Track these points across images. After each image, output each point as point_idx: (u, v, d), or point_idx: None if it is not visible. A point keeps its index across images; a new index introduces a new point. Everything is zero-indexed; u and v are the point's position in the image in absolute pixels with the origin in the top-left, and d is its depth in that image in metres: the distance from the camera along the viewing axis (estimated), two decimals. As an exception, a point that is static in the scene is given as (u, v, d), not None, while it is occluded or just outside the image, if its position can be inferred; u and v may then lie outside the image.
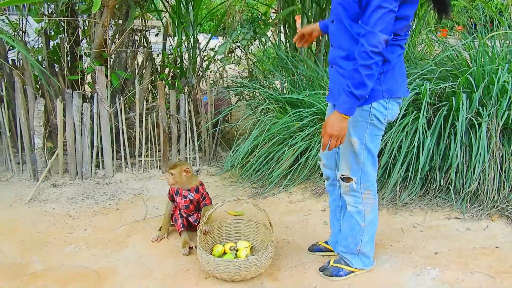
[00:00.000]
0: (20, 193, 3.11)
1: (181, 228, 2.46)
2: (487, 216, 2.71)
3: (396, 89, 1.87)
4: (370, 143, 1.93)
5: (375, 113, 1.87)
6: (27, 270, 2.20)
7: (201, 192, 2.51)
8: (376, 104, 1.86)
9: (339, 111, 1.76)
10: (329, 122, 1.78)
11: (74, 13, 3.81)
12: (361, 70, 1.69)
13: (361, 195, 2.03)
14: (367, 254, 2.15)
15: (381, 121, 1.90)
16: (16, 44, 3.20)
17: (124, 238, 2.53)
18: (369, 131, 1.90)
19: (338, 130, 1.77)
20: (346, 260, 2.15)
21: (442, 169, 2.93)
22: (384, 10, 1.64)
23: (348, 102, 1.74)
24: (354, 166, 1.98)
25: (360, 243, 2.10)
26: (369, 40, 1.66)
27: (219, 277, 2.09)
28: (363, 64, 1.68)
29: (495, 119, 2.85)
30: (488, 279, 2.12)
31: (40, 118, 3.20)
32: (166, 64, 4.06)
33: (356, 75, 1.70)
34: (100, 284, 2.09)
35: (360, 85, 1.70)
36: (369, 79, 1.70)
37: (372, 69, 1.69)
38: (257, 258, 2.06)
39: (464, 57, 3.35)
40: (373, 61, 1.67)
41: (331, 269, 2.15)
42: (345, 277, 2.12)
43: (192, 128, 3.62)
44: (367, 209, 2.06)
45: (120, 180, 3.35)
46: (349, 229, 2.11)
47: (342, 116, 1.76)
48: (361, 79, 1.69)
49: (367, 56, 1.67)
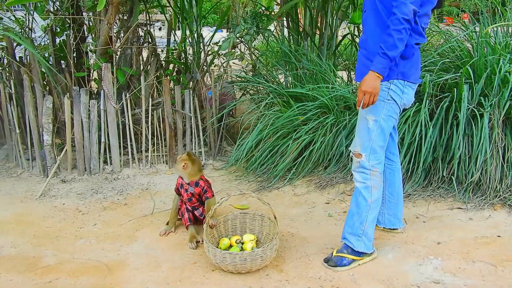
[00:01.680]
0: (31, 188, 3.19)
1: (188, 222, 2.51)
2: (489, 205, 2.74)
3: (408, 74, 2.07)
4: (384, 122, 2.11)
5: (392, 94, 2.07)
6: (40, 263, 2.27)
7: (201, 186, 2.55)
8: (393, 86, 2.06)
9: (373, 69, 1.95)
10: (365, 80, 1.97)
11: (79, 10, 3.85)
12: (393, 33, 1.90)
13: (370, 171, 2.16)
14: (370, 237, 2.22)
15: (397, 103, 2.09)
16: (23, 42, 3.26)
17: (132, 232, 2.59)
18: (385, 110, 2.09)
19: (372, 88, 1.96)
20: (349, 243, 2.21)
21: (445, 160, 2.96)
22: None
23: (382, 62, 1.94)
24: (365, 143, 2.14)
25: (365, 222, 2.18)
26: (401, 9, 1.88)
27: (226, 269, 2.14)
28: (395, 28, 1.89)
29: (497, 109, 2.87)
30: (489, 267, 2.16)
31: (49, 115, 3.26)
32: (170, 60, 4.10)
33: (389, 38, 1.91)
34: (111, 276, 2.16)
35: (392, 47, 1.91)
36: (400, 42, 1.90)
37: (402, 33, 1.90)
38: (263, 250, 2.11)
39: (467, 48, 3.36)
40: (403, 26, 1.89)
41: (335, 259, 2.21)
42: (348, 267, 2.19)
43: (198, 123, 3.67)
44: (374, 186, 2.18)
45: (127, 175, 3.41)
46: (355, 206, 2.21)
47: (376, 75, 1.96)
48: (393, 42, 1.90)
49: (398, 22, 1.89)
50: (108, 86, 3.30)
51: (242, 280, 2.11)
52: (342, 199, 2.98)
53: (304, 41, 4.17)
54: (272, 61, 4.36)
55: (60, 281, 2.13)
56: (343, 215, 2.75)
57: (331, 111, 3.35)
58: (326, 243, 2.42)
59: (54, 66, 3.66)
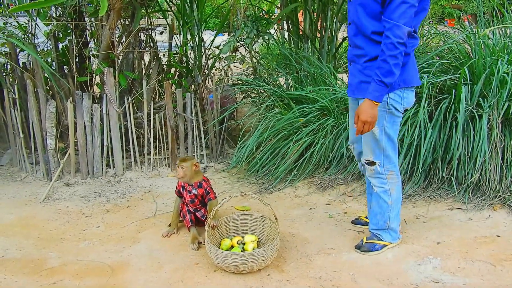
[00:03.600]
0: (35, 192, 3.22)
1: (190, 224, 2.54)
2: (489, 206, 2.76)
3: (410, 79, 2.06)
4: (389, 130, 2.12)
5: (392, 102, 2.05)
6: (45, 265, 2.30)
7: (204, 187, 2.59)
8: (392, 94, 2.04)
9: (370, 98, 1.93)
10: (362, 109, 1.96)
11: (81, 16, 3.90)
12: (388, 60, 1.85)
13: (385, 176, 2.22)
14: (395, 229, 2.35)
15: (398, 109, 2.08)
16: (26, 47, 3.30)
17: (135, 234, 2.62)
18: (387, 118, 2.09)
19: (370, 117, 1.95)
20: (378, 235, 2.34)
21: (445, 160, 2.98)
22: (407, 5, 1.83)
23: (378, 90, 1.91)
24: (376, 151, 2.17)
25: (389, 220, 2.30)
26: (395, 32, 1.83)
27: (227, 269, 2.17)
28: (391, 54, 1.85)
29: (495, 110, 2.90)
30: (488, 266, 2.18)
31: (52, 120, 3.30)
32: (172, 64, 4.14)
33: (385, 64, 1.87)
34: (114, 277, 2.19)
35: (388, 73, 1.87)
36: (396, 68, 1.87)
37: (398, 58, 1.86)
38: (264, 251, 2.14)
39: (465, 49, 3.38)
40: (399, 51, 1.85)
41: (367, 245, 2.33)
42: (380, 251, 2.31)
43: (199, 126, 3.70)
44: (392, 188, 2.25)
45: (130, 178, 3.44)
46: (377, 207, 2.29)
47: (373, 103, 1.94)
48: (389, 68, 1.86)
49: (393, 47, 1.84)
50: (111, 90, 3.34)
51: (244, 280, 2.13)
52: (342, 200, 3.00)
53: (304, 44, 4.21)
54: (272, 64, 4.39)
55: (64, 282, 2.16)
56: (343, 216, 2.78)
57: (332, 113, 3.38)
58: (326, 244, 2.45)
59: (57, 71, 3.70)
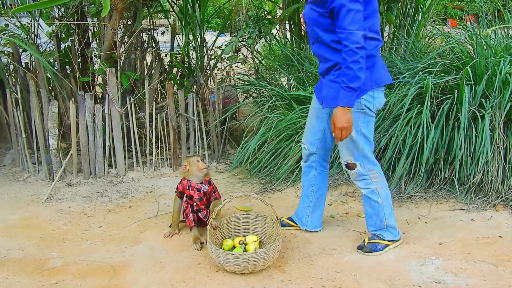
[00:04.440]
0: (37, 192, 3.23)
1: (193, 224, 2.54)
2: (491, 206, 2.76)
3: (380, 79, 2.13)
4: (365, 130, 2.16)
5: (365, 103, 2.11)
6: (47, 265, 2.31)
7: (213, 185, 2.62)
8: (365, 95, 2.10)
9: (342, 105, 2.00)
10: (337, 117, 2.02)
11: (83, 16, 3.91)
12: (351, 65, 1.93)
13: (369, 176, 2.25)
14: (393, 226, 2.37)
15: (371, 109, 2.14)
16: (29, 48, 3.31)
17: (137, 234, 2.63)
18: (362, 119, 2.13)
19: (346, 122, 2.02)
20: (379, 235, 2.36)
21: (447, 161, 2.97)
22: (353, 12, 1.91)
23: (347, 96, 1.98)
24: (354, 152, 2.20)
25: (385, 218, 2.31)
26: (351, 39, 1.91)
27: (229, 270, 2.17)
28: (352, 60, 1.92)
29: (498, 110, 2.89)
30: (490, 267, 2.18)
31: (54, 120, 3.31)
32: (174, 64, 4.15)
33: (349, 71, 1.94)
34: (116, 278, 2.19)
35: (355, 79, 1.94)
36: (360, 72, 1.94)
37: (360, 62, 1.93)
38: (265, 251, 2.14)
39: (467, 49, 3.38)
40: (359, 55, 1.92)
41: (369, 246, 2.34)
42: (383, 251, 2.33)
43: (201, 126, 3.71)
44: (378, 186, 2.27)
45: (132, 178, 3.45)
46: (370, 209, 2.31)
47: (346, 109, 2.00)
48: (353, 73, 1.93)
49: (353, 53, 1.91)
50: (113, 90, 3.35)
51: (245, 281, 2.13)
52: (344, 200, 3.00)
53: (306, 44, 4.21)
54: (274, 65, 4.39)
55: (66, 282, 2.16)
56: (345, 217, 2.78)
57: (333, 114, 3.37)
58: (328, 244, 2.45)
59: (59, 71, 3.71)
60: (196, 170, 2.57)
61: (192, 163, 2.58)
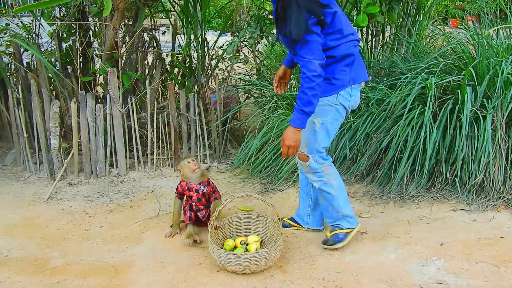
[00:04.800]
0: (38, 192, 3.23)
1: (188, 221, 2.54)
2: (493, 207, 2.75)
3: (357, 77, 2.20)
4: (330, 125, 2.22)
5: (341, 99, 2.17)
6: (48, 265, 2.31)
7: (211, 185, 2.61)
8: (342, 91, 2.16)
9: (293, 125, 2.08)
10: (287, 135, 2.10)
11: (85, 16, 3.91)
12: (307, 91, 2.01)
13: (321, 168, 2.30)
14: (350, 215, 2.41)
15: (345, 107, 2.20)
16: (30, 47, 3.31)
17: (138, 234, 2.63)
18: (332, 114, 2.20)
19: (294, 142, 2.10)
20: (338, 226, 2.40)
21: (448, 161, 2.97)
22: (310, 43, 1.98)
23: (300, 118, 2.06)
24: (311, 144, 2.25)
25: (340, 208, 2.36)
26: (308, 67, 1.99)
27: (230, 270, 2.17)
28: (308, 86, 2.00)
29: (499, 111, 2.89)
30: (492, 268, 2.17)
31: (56, 120, 3.31)
32: (175, 64, 4.15)
33: (304, 96, 2.02)
34: (117, 277, 2.19)
35: (308, 103, 2.02)
36: (315, 98, 2.02)
37: (315, 89, 2.01)
38: (267, 251, 2.14)
39: (469, 49, 3.37)
40: (315, 83, 1.99)
41: (332, 238, 2.38)
42: (345, 240, 2.37)
43: (202, 126, 3.71)
44: (330, 178, 2.33)
45: (133, 178, 3.45)
46: (324, 201, 2.36)
47: (296, 130, 2.09)
48: (308, 99, 2.01)
49: (309, 80, 1.99)
50: (114, 90, 3.35)
51: (247, 281, 2.13)
52: (345, 201, 3.00)
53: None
54: (276, 65, 4.39)
55: (68, 282, 2.16)
56: (346, 217, 2.78)
57: (335, 114, 3.37)
58: (329, 244, 2.45)
59: (61, 71, 3.71)
60: (188, 172, 2.57)
61: (184, 165, 2.58)
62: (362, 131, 3.20)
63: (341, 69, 2.14)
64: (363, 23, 3.51)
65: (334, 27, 2.08)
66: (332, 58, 2.11)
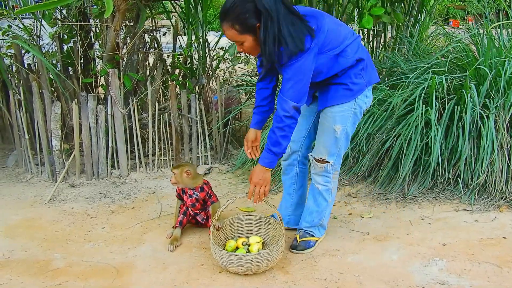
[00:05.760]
0: (40, 193, 3.23)
1: (178, 225, 2.54)
2: (495, 207, 2.75)
3: (371, 78, 2.18)
4: (350, 129, 2.20)
5: (360, 102, 2.15)
6: (50, 266, 2.31)
7: (206, 191, 2.57)
8: (360, 95, 2.14)
9: (262, 164, 2.06)
10: (255, 172, 2.09)
11: (86, 17, 3.91)
12: (276, 131, 1.98)
13: (331, 175, 2.30)
14: (325, 226, 2.46)
15: (362, 109, 2.18)
16: (32, 49, 3.31)
17: (140, 235, 2.62)
18: (351, 119, 2.17)
19: (262, 180, 2.08)
20: (310, 232, 2.41)
21: (451, 162, 2.96)
22: (293, 82, 1.92)
23: (268, 157, 2.04)
24: (332, 150, 2.22)
25: (323, 218, 2.39)
26: (282, 106, 1.94)
27: (232, 271, 2.17)
28: (277, 126, 1.97)
29: (502, 111, 2.88)
30: (494, 268, 2.17)
31: (57, 121, 3.31)
32: (176, 65, 4.15)
33: (273, 135, 1.99)
34: (119, 279, 2.19)
35: (276, 143, 1.99)
36: (284, 139, 1.99)
37: (285, 130, 1.97)
38: (269, 252, 2.14)
39: (471, 49, 3.37)
40: (285, 124, 1.96)
41: (303, 244, 2.38)
42: (314, 247, 2.39)
43: (203, 127, 3.70)
44: (334, 187, 2.34)
45: (135, 179, 3.45)
46: (315, 205, 2.35)
47: (265, 169, 2.07)
48: (276, 139, 1.98)
49: (280, 119, 1.96)
50: (115, 91, 3.35)
51: (249, 282, 2.13)
52: (347, 201, 3.00)
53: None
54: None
55: (70, 283, 2.16)
56: (348, 217, 2.77)
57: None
58: (331, 245, 2.44)
59: (62, 72, 3.71)
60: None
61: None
62: (364, 131, 3.19)
63: (358, 73, 2.10)
64: (368, 26, 3.50)
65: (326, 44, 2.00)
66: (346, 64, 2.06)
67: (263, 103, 2.29)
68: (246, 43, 1.94)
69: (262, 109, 2.30)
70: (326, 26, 1.97)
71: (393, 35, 4.14)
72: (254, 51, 2.00)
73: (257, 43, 1.94)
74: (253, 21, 1.87)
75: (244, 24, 1.88)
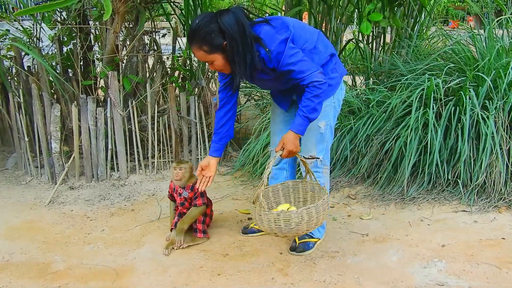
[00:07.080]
0: (40, 195, 3.24)
1: (174, 227, 2.52)
2: (494, 208, 2.75)
3: (343, 71, 2.30)
4: (332, 122, 2.30)
5: (337, 95, 2.26)
6: (50, 269, 2.31)
7: (195, 191, 2.49)
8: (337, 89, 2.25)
9: (295, 131, 2.09)
10: (289, 140, 2.10)
11: (85, 20, 3.92)
12: (313, 99, 2.04)
13: (322, 170, 2.34)
14: (324, 225, 2.48)
15: (340, 101, 2.30)
16: (31, 51, 3.32)
17: (139, 237, 2.63)
18: (332, 112, 2.27)
19: (295, 146, 2.11)
20: (310, 234, 2.40)
21: (450, 163, 2.97)
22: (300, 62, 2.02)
23: (303, 124, 2.09)
24: (320, 145, 2.29)
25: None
26: (312, 79, 2.01)
27: (277, 233, 2.03)
28: (314, 94, 2.03)
29: (501, 112, 2.88)
30: (494, 269, 2.17)
31: (57, 123, 3.32)
32: (176, 67, 4.15)
33: (310, 103, 2.04)
34: (119, 281, 2.19)
35: (313, 110, 2.06)
36: (320, 106, 2.07)
37: (321, 97, 2.05)
38: (316, 206, 2.01)
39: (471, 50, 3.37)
40: (322, 90, 2.03)
41: (301, 246, 2.38)
42: (313, 248, 2.39)
43: (203, 129, 3.71)
44: (326, 182, 2.35)
45: (134, 181, 3.45)
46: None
47: (297, 135, 2.11)
48: (314, 106, 2.05)
49: (315, 88, 2.02)
50: (115, 93, 3.35)
51: (248, 283, 2.13)
52: (347, 203, 3.00)
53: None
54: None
55: (70, 286, 2.17)
56: (347, 219, 2.77)
57: (335, 116, 3.37)
58: (330, 247, 2.44)
59: (62, 74, 3.71)
60: (172, 176, 2.53)
61: (172, 168, 2.54)
62: (363, 133, 3.20)
63: (333, 68, 2.22)
64: (367, 32, 3.53)
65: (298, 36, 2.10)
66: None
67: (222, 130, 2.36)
68: (216, 62, 2.03)
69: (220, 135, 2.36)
70: (291, 22, 2.10)
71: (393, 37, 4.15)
72: (227, 68, 2.08)
73: (227, 61, 2.03)
74: (219, 40, 1.97)
75: (211, 44, 1.97)
